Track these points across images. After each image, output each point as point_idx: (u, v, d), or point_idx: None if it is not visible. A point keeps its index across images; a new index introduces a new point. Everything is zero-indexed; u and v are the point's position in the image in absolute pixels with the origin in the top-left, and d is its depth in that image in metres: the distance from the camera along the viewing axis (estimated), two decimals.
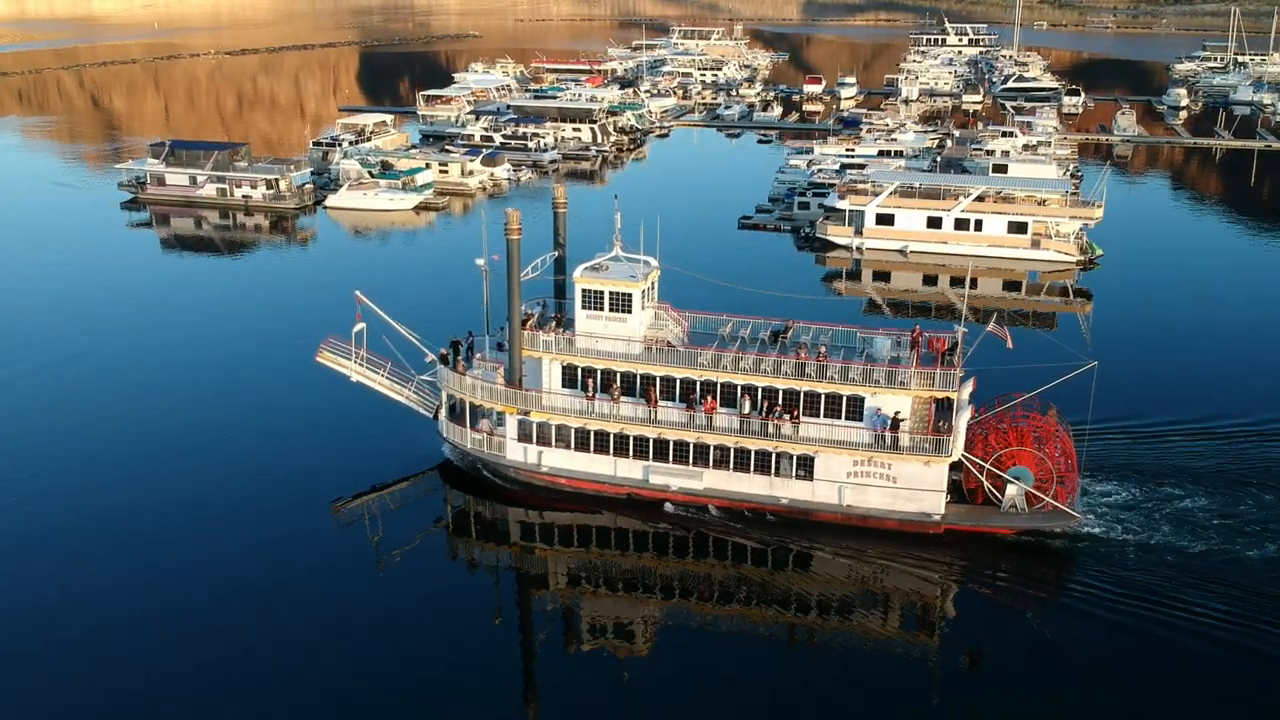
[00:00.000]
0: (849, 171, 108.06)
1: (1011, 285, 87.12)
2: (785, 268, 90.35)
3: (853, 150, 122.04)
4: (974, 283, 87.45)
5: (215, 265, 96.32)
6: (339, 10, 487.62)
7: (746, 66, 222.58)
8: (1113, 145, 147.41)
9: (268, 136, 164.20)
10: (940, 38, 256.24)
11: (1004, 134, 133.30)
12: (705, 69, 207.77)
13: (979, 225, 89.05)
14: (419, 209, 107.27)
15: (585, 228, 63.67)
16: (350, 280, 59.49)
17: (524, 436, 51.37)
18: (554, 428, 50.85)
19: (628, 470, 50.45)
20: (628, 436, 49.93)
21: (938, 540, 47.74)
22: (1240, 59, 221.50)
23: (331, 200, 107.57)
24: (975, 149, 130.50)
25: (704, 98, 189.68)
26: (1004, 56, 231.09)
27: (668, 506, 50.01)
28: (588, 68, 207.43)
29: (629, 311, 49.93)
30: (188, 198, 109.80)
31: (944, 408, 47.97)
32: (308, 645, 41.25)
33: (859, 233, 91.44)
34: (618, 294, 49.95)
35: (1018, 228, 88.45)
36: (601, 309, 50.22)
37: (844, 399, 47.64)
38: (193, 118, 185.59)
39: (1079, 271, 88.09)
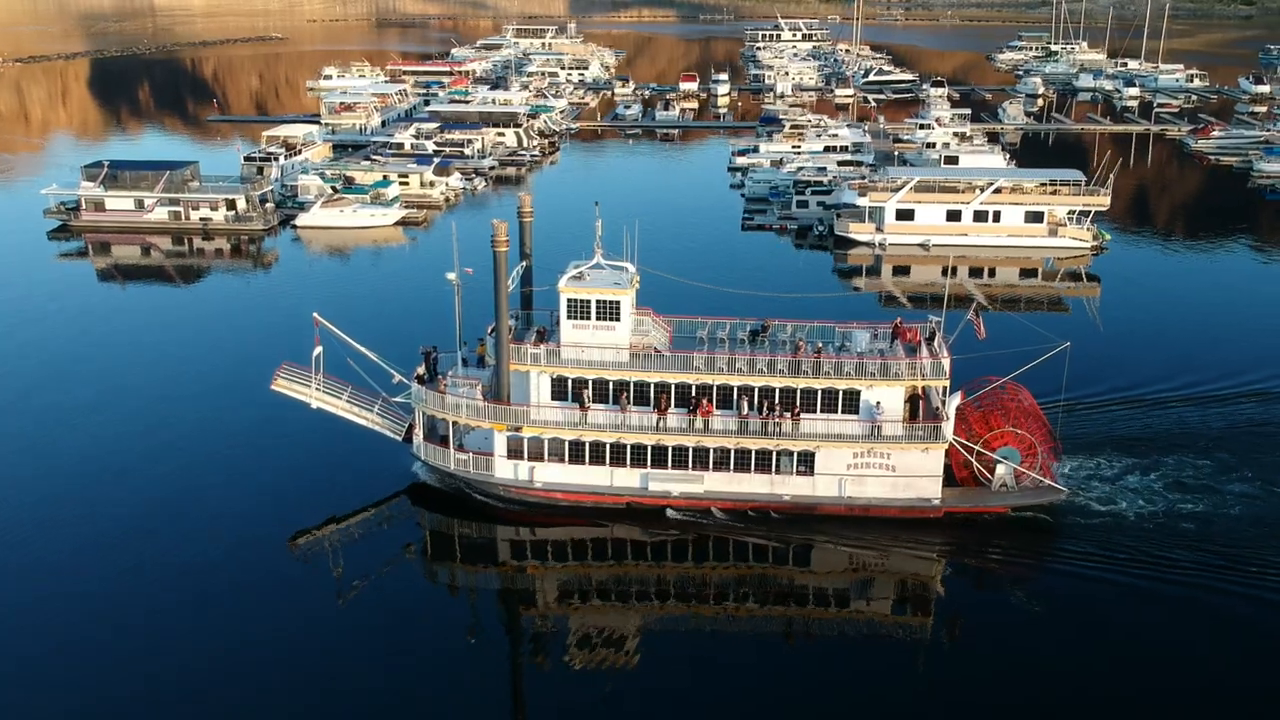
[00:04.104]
0: (831, 169, 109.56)
1: (1029, 273, 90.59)
2: (804, 268, 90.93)
3: (799, 147, 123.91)
4: (992, 272, 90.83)
5: (168, 295, 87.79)
6: (65, 15, 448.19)
7: (605, 66, 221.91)
8: (1004, 133, 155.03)
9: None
10: (775, 34, 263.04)
11: (920, 126, 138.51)
12: (571, 68, 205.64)
13: (997, 216, 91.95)
14: (399, 224, 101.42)
15: (553, 238, 61.77)
16: (317, 303, 55.94)
17: (514, 453, 49.45)
18: (546, 441, 49.06)
19: (625, 479, 49.24)
20: (625, 445, 48.70)
21: (937, 524, 48.98)
22: (1053, 48, 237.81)
23: (303, 219, 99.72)
24: (899, 142, 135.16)
25: (575, 97, 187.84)
26: (843, 51, 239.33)
27: (669, 513, 49.26)
28: (448, 69, 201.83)
29: (617, 319, 48.78)
30: (133, 223, 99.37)
31: (928, 394, 49.64)
32: (270, 684, 39.02)
33: (880, 229, 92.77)
34: (605, 302, 48.61)
35: (1034, 217, 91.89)
36: (588, 318, 48.81)
37: (840, 393, 48.15)
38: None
39: (1091, 256, 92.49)
